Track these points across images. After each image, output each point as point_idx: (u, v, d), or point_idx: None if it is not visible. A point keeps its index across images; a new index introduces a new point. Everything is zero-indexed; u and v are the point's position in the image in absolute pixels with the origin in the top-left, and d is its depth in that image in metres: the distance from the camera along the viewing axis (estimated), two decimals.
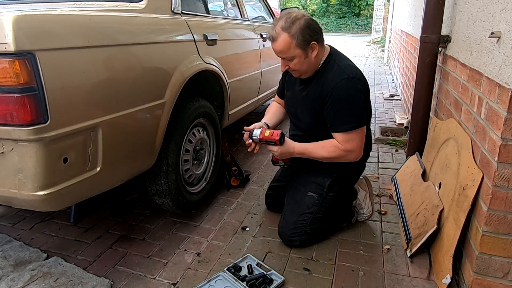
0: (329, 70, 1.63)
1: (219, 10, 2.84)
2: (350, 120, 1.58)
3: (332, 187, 1.79)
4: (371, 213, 1.96)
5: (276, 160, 1.80)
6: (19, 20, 1.07)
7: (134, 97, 1.50)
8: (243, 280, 1.53)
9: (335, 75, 1.60)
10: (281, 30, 1.53)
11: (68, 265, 1.64)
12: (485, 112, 1.39)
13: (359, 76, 1.60)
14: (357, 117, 1.59)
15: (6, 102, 1.11)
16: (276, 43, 1.56)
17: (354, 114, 1.59)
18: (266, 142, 1.71)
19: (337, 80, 1.58)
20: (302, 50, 1.55)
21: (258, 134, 1.72)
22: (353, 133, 1.59)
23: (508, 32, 1.24)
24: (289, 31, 1.52)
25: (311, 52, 1.58)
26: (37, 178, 1.17)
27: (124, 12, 1.56)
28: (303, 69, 1.63)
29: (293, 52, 1.55)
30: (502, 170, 1.24)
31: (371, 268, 1.64)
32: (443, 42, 2.16)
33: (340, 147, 1.62)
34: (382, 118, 4.01)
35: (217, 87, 2.23)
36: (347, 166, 1.76)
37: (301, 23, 1.52)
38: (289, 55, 1.57)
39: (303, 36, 1.52)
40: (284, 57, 1.60)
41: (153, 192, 1.85)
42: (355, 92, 1.58)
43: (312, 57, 1.59)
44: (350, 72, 1.59)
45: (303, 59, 1.58)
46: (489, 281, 1.35)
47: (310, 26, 1.54)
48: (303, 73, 1.66)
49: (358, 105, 1.59)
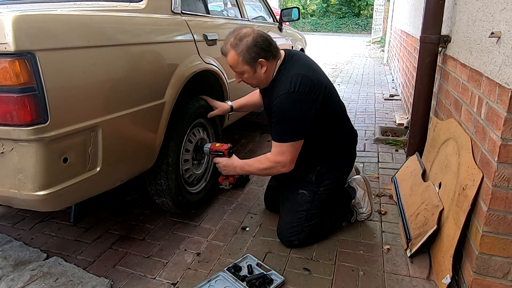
0: (279, 81, 1.66)
1: (219, 10, 2.84)
2: (284, 134, 1.63)
3: (322, 182, 1.80)
4: (371, 212, 1.96)
5: (221, 180, 1.92)
6: (19, 20, 1.07)
7: (134, 97, 1.50)
8: (243, 280, 1.53)
9: (281, 87, 1.62)
10: (230, 46, 1.60)
11: (68, 265, 1.64)
12: (485, 112, 1.39)
13: (302, 89, 1.58)
14: (291, 132, 1.62)
15: (6, 102, 1.11)
16: (227, 59, 1.65)
17: (288, 129, 1.62)
18: (216, 152, 1.87)
19: (278, 94, 1.61)
20: (249, 67, 1.62)
21: (209, 146, 1.90)
22: (284, 146, 1.63)
23: (508, 32, 1.24)
24: (236, 49, 1.58)
25: (260, 68, 1.63)
26: (37, 178, 1.17)
27: (124, 12, 1.56)
28: (255, 83, 1.72)
29: (241, 67, 1.63)
30: (502, 170, 1.24)
31: (371, 268, 1.64)
32: (443, 42, 2.16)
33: (271, 159, 1.69)
34: (382, 118, 4.02)
35: (217, 87, 2.23)
36: (328, 158, 1.81)
37: (248, 41, 1.57)
38: (239, 70, 1.65)
39: (249, 54, 1.58)
40: (235, 71, 1.68)
41: (153, 191, 1.85)
42: (291, 107, 1.60)
43: (262, 73, 1.65)
44: (294, 85, 1.58)
45: (252, 74, 1.65)
46: (489, 281, 1.35)
47: (257, 44, 1.58)
48: (256, 85, 1.76)
49: (292, 120, 1.61)
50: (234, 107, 2.13)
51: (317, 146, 1.77)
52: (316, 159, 1.81)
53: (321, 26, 25.03)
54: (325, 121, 1.72)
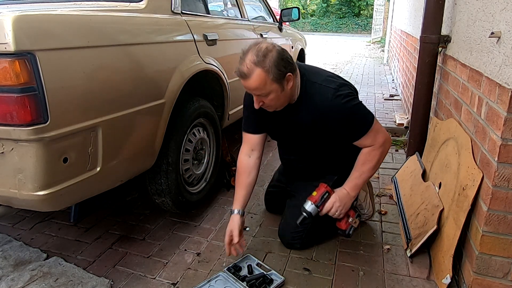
0: (313, 93, 1.53)
1: (219, 10, 2.84)
2: (364, 123, 1.56)
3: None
4: (372, 213, 1.96)
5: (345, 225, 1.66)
6: (19, 20, 1.07)
7: (134, 97, 1.50)
8: (243, 280, 1.53)
9: (322, 97, 1.51)
10: (253, 65, 1.36)
11: (68, 265, 1.64)
12: (485, 112, 1.39)
13: (340, 84, 1.56)
14: (366, 116, 1.57)
15: (6, 102, 1.11)
16: (250, 81, 1.38)
17: (362, 116, 1.56)
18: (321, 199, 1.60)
19: (327, 102, 1.49)
20: (278, 85, 1.41)
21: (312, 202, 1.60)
22: (374, 127, 1.57)
23: (508, 32, 1.24)
24: (263, 66, 1.35)
25: (287, 84, 1.44)
26: (37, 178, 1.17)
27: (124, 12, 1.56)
28: (279, 104, 1.50)
29: (269, 87, 1.40)
30: (502, 170, 1.24)
31: (371, 268, 1.64)
32: (443, 42, 2.16)
33: (375, 146, 1.58)
34: (382, 118, 4.01)
35: (217, 87, 2.23)
36: (348, 167, 1.75)
37: (274, 55, 1.37)
38: (265, 91, 1.41)
39: (278, 69, 1.37)
40: (259, 94, 1.43)
41: (153, 191, 1.85)
42: (349, 100, 1.52)
43: (288, 89, 1.46)
44: (333, 87, 1.52)
45: (280, 93, 1.44)
46: (489, 281, 1.35)
47: (283, 57, 1.40)
48: (278, 107, 1.53)
49: (359, 107, 1.56)
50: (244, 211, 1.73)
51: (341, 154, 1.72)
52: (338, 167, 1.75)
53: (321, 26, 25.04)
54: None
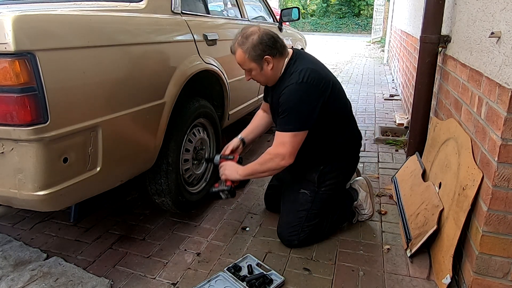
0: (288, 77, 1.69)
1: (219, 10, 2.84)
2: (288, 123, 1.63)
3: (324, 182, 1.80)
4: (372, 213, 1.96)
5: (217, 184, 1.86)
6: (19, 20, 1.07)
7: (134, 97, 1.50)
8: (243, 280, 1.53)
9: (288, 81, 1.65)
10: (237, 45, 1.67)
11: (68, 265, 1.64)
12: (485, 112, 1.39)
13: (311, 80, 1.61)
14: (296, 121, 1.62)
15: (6, 102, 1.11)
16: (235, 57, 1.71)
17: (293, 118, 1.62)
18: (226, 157, 1.91)
19: (287, 85, 1.64)
20: (256, 64, 1.67)
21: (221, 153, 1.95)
22: (286, 136, 1.62)
23: (508, 32, 1.24)
24: (242, 46, 1.65)
25: (266, 65, 1.67)
26: (37, 178, 1.17)
27: (124, 12, 1.56)
28: (263, 80, 1.76)
29: (248, 65, 1.68)
30: (502, 170, 1.24)
31: (371, 268, 1.64)
32: (443, 42, 2.16)
33: (271, 151, 1.68)
34: (382, 118, 4.02)
35: (217, 87, 2.23)
36: (332, 157, 1.80)
37: (254, 39, 1.63)
38: (246, 67, 1.70)
39: (255, 51, 1.63)
40: (244, 69, 1.73)
41: (153, 191, 1.85)
42: (299, 96, 1.61)
43: (268, 70, 1.68)
44: (302, 77, 1.61)
45: (259, 71, 1.69)
46: (489, 281, 1.35)
47: (262, 41, 1.63)
48: (265, 83, 1.79)
49: (298, 109, 1.61)
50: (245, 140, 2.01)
51: (321, 144, 1.78)
52: (320, 157, 1.81)
53: (321, 26, 25.03)
54: (331, 117, 1.72)
